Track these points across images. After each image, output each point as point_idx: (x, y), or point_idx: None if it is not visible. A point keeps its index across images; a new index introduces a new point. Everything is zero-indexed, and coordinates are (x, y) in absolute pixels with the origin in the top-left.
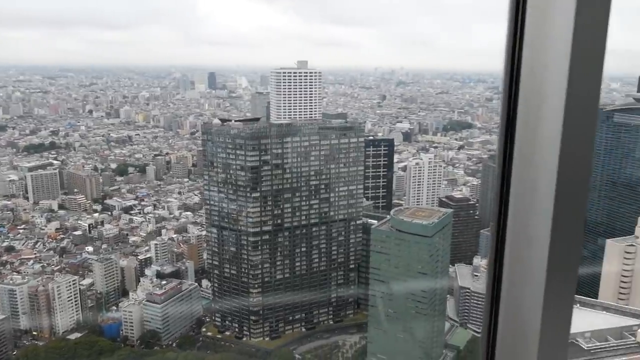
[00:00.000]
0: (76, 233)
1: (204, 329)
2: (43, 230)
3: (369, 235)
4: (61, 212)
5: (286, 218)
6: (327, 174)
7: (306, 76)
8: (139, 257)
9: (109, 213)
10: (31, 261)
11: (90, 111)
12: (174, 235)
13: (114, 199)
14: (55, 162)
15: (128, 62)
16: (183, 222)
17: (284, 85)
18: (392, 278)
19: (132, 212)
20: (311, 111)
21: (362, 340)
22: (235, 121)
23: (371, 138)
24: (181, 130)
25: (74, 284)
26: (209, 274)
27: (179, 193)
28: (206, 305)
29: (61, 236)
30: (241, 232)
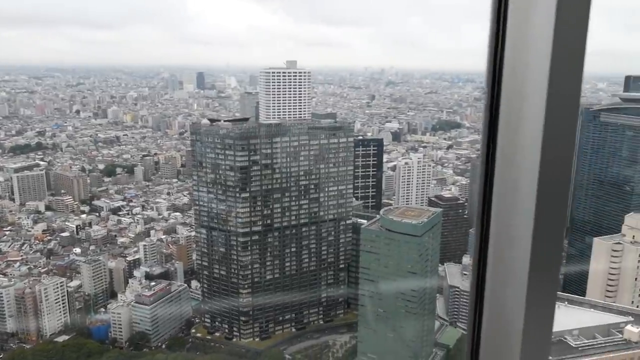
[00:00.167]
0: (63, 234)
1: (193, 330)
2: (30, 231)
3: (358, 235)
4: (48, 214)
5: (276, 218)
6: (317, 174)
7: (295, 76)
8: (127, 259)
9: (97, 214)
10: (18, 263)
11: (78, 111)
12: (162, 236)
13: (102, 200)
14: (42, 163)
15: (116, 61)
16: (172, 223)
17: (273, 85)
18: (382, 277)
19: (120, 213)
20: (300, 111)
21: (352, 340)
22: (224, 121)
23: (360, 138)
24: (170, 131)
25: (61, 286)
26: (198, 275)
27: (168, 194)
28: (196, 306)
29: (48, 238)
30: (231, 232)
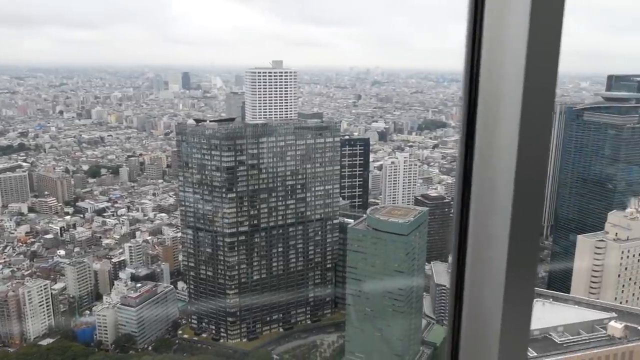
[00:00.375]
0: (47, 236)
1: (180, 332)
2: (12, 234)
3: (345, 235)
4: (31, 215)
5: (262, 218)
6: (304, 174)
7: (281, 76)
8: (112, 260)
9: (82, 215)
10: (0, 266)
11: (61, 112)
12: (148, 237)
13: (87, 201)
14: (24, 164)
15: (99, 61)
16: (158, 224)
17: (259, 85)
18: (369, 277)
19: (105, 214)
20: (287, 111)
21: (339, 340)
22: (210, 121)
23: (347, 137)
24: (155, 131)
25: (45, 288)
26: (184, 276)
27: (154, 194)
28: (182, 307)
29: (31, 240)
30: (217, 233)
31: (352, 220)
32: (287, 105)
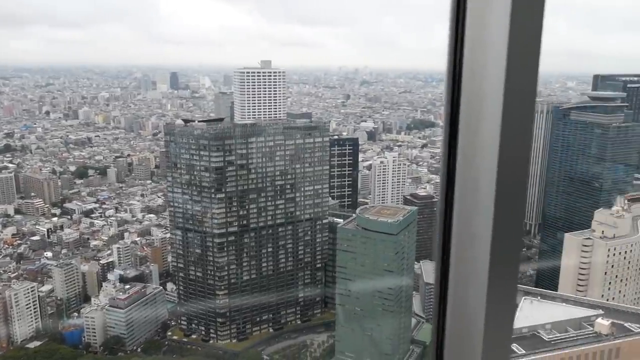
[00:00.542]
0: (34, 238)
1: (169, 333)
2: None
3: (335, 234)
4: (18, 217)
5: (252, 219)
6: (293, 174)
7: (270, 76)
8: (101, 262)
9: (69, 217)
10: None
11: (47, 112)
12: (137, 239)
13: (74, 202)
14: (10, 165)
15: (86, 61)
16: (146, 225)
17: (247, 85)
18: (358, 276)
19: (93, 215)
20: (276, 111)
21: (330, 339)
22: (199, 121)
23: (336, 137)
24: (143, 132)
25: (32, 290)
26: (174, 277)
27: (142, 195)
28: (171, 308)
29: (18, 242)
30: (206, 233)
31: (341, 220)
32: (276, 105)
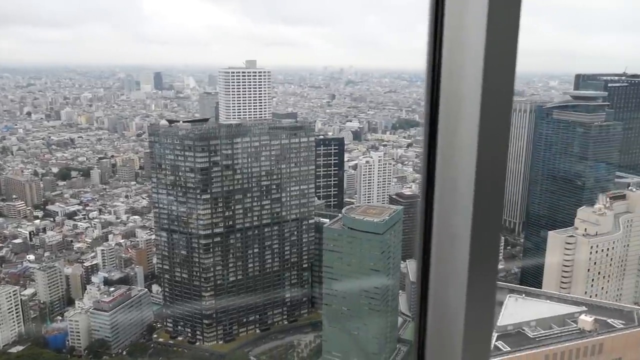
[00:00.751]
0: (16, 241)
1: (155, 335)
2: None
3: (321, 234)
4: None
5: (238, 219)
6: (279, 174)
7: (255, 76)
8: (84, 264)
9: (52, 219)
10: None
11: (29, 113)
12: (121, 240)
13: (57, 204)
14: None
15: (68, 61)
16: (131, 227)
17: (232, 85)
18: (345, 276)
19: (76, 217)
20: (261, 111)
21: (316, 339)
22: (184, 122)
23: (321, 137)
24: (127, 132)
25: (14, 294)
26: (159, 279)
27: (126, 197)
28: (157, 310)
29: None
30: (192, 234)
31: (327, 220)
32: (261, 105)
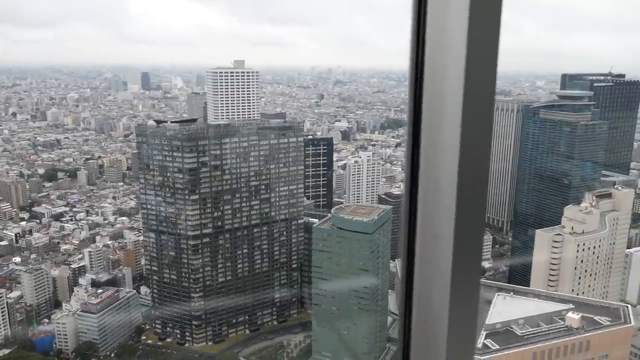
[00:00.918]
0: (1, 243)
1: (144, 337)
2: None
3: (310, 234)
4: None
5: (227, 220)
6: (267, 174)
7: (243, 76)
8: (72, 266)
9: (38, 221)
10: None
11: (14, 114)
12: (109, 242)
13: (43, 206)
14: None
15: (54, 61)
16: (119, 228)
17: (221, 85)
18: (334, 276)
19: (63, 219)
20: (249, 111)
21: (306, 339)
22: (171, 122)
23: (310, 137)
24: (114, 133)
25: (0, 297)
26: (147, 280)
27: (114, 198)
28: (146, 312)
29: None
30: (180, 235)
31: (316, 220)
32: (249, 106)
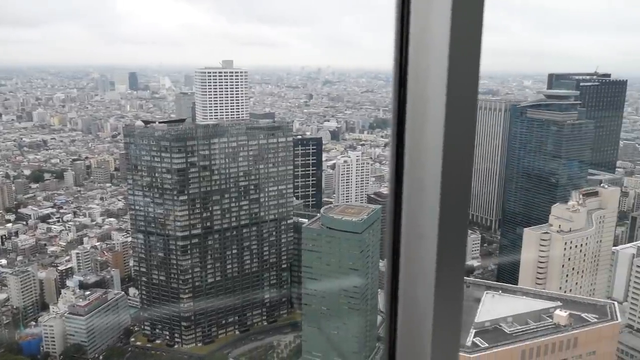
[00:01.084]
0: None
1: (132, 339)
2: None
3: (300, 234)
4: None
5: (216, 220)
6: (256, 175)
7: (232, 76)
8: (59, 268)
9: (24, 223)
10: None
11: None
12: (97, 243)
13: (29, 207)
14: None
15: (40, 61)
16: (106, 229)
17: (209, 85)
18: (324, 276)
19: (50, 220)
20: (238, 111)
21: (296, 340)
22: (160, 122)
23: (299, 137)
24: (101, 133)
25: None
26: (136, 282)
27: (101, 199)
28: (134, 314)
29: None
30: (169, 236)
31: (306, 220)
32: (238, 106)
